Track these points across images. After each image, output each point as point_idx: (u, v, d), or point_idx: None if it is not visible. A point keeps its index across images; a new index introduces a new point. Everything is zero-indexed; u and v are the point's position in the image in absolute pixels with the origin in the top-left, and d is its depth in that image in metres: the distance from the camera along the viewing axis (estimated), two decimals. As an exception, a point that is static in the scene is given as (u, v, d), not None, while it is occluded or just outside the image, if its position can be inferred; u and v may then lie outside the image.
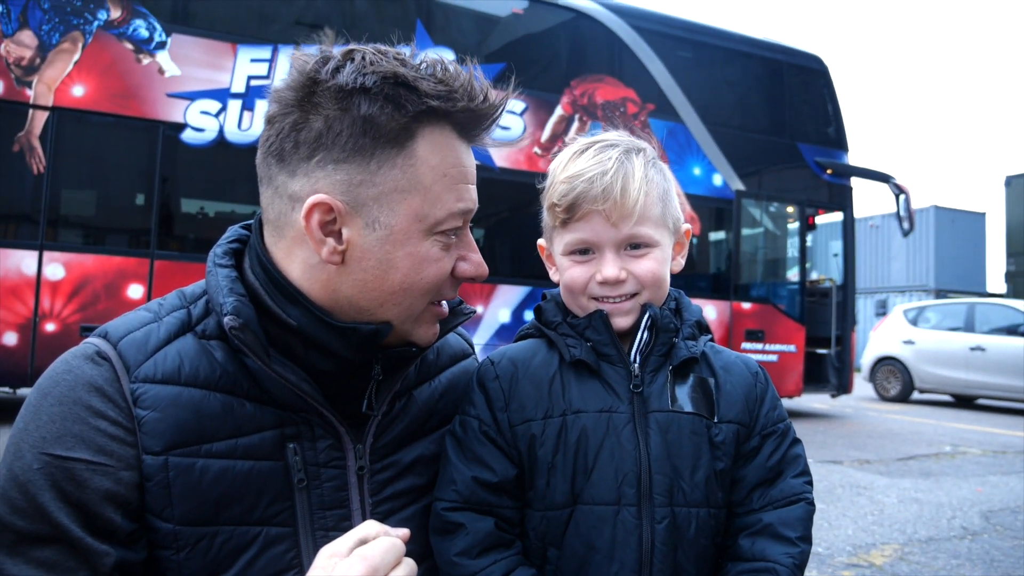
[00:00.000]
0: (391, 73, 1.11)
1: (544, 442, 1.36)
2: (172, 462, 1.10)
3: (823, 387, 13.71)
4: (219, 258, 1.25)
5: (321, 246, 1.16)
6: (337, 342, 1.19)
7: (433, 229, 1.19)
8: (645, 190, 1.39)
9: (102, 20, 8.82)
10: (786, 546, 1.34)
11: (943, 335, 16.50)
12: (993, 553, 5.32)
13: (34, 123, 8.49)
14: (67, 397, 1.10)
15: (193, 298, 1.25)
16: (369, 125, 1.12)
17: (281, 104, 1.16)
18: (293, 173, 1.16)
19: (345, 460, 1.23)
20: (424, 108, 1.13)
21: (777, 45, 13.74)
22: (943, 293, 29.51)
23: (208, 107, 9.24)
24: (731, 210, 12.70)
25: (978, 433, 12.02)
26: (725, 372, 1.46)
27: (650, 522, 1.31)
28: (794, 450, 1.45)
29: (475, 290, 10.52)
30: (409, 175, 1.15)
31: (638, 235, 1.40)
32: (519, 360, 1.44)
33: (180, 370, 1.15)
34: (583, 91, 11.58)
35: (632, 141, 1.48)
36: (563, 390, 1.39)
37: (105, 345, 1.15)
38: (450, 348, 1.53)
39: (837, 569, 4.88)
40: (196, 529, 1.10)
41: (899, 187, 13.55)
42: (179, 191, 9.85)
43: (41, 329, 8.30)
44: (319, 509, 1.19)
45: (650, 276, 1.41)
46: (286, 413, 1.19)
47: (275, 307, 1.18)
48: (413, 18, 10.48)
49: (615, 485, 1.32)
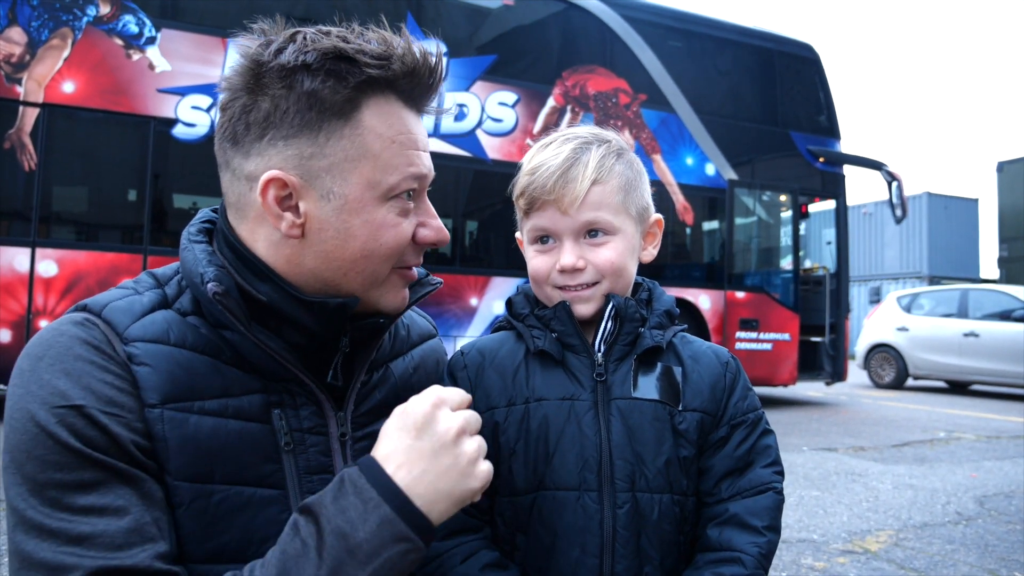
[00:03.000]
0: (331, 48, 1.14)
1: (506, 429, 1.40)
2: (167, 415, 1.10)
3: (817, 375, 13.74)
4: (193, 236, 1.28)
5: (280, 221, 1.19)
6: (306, 316, 1.22)
7: (387, 195, 1.21)
8: (595, 178, 1.42)
9: (91, 16, 8.77)
10: (752, 535, 1.36)
11: (937, 321, 16.56)
12: (988, 538, 5.35)
13: (24, 120, 8.45)
14: (65, 355, 1.09)
15: (165, 279, 1.27)
16: (314, 100, 1.15)
17: (231, 90, 1.19)
18: (247, 154, 1.19)
19: (327, 427, 1.26)
20: (364, 78, 1.16)
21: (768, 34, 13.73)
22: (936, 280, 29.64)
23: (199, 102, 9.20)
24: (724, 199, 12.71)
25: (972, 419, 12.07)
26: (693, 361, 1.48)
27: (612, 507, 1.33)
28: (764, 440, 1.46)
29: (469, 282, 10.52)
30: (357, 144, 1.18)
31: (595, 222, 1.42)
32: (487, 350, 1.50)
33: (168, 333, 1.16)
34: (575, 82, 11.56)
35: (597, 133, 1.51)
36: (527, 379, 1.43)
37: (88, 314, 1.16)
38: (418, 327, 1.58)
39: (832, 555, 4.90)
40: (192, 485, 1.11)
41: (892, 174, 13.57)
42: (171, 186, 9.83)
43: (35, 326, 8.27)
44: (306, 473, 1.21)
45: (608, 265, 1.43)
46: (268, 382, 1.21)
47: (244, 284, 1.21)
48: (404, 11, 10.44)
49: (576, 470, 1.35)
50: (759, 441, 1.45)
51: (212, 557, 1.12)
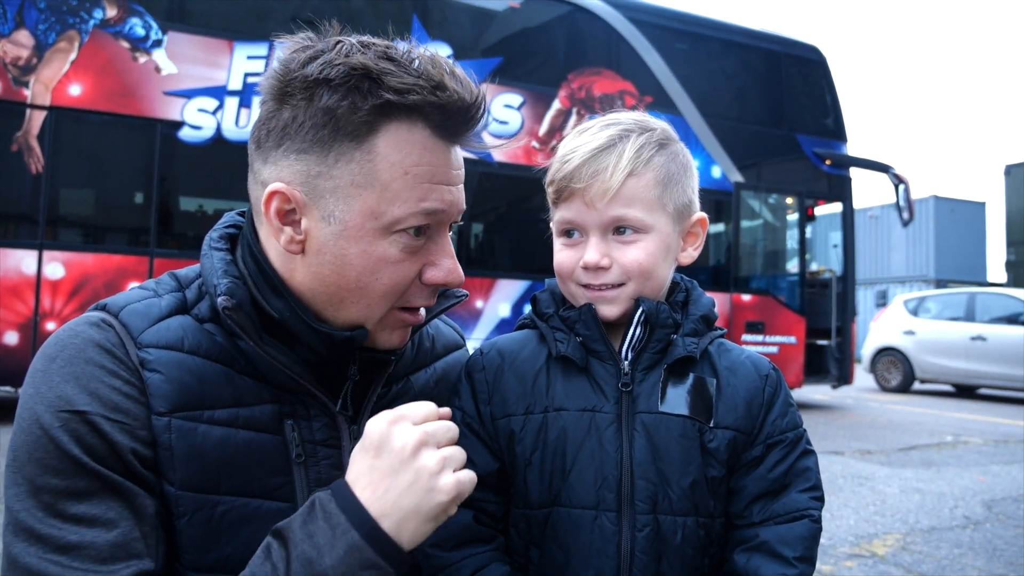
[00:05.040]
0: (360, 65, 1.09)
1: (523, 439, 1.31)
2: (175, 424, 1.10)
3: (824, 378, 13.71)
4: (215, 242, 1.26)
5: (280, 234, 1.17)
6: (315, 340, 1.20)
7: (391, 228, 1.15)
8: (630, 170, 1.31)
9: (98, 19, 8.81)
10: (782, 566, 1.25)
11: (944, 325, 16.50)
12: (995, 542, 5.33)
13: (32, 123, 8.48)
14: (77, 358, 1.09)
15: (187, 281, 1.26)
16: (329, 117, 1.11)
17: (263, 93, 1.18)
18: (265, 160, 1.18)
19: (340, 439, 1.24)
20: (382, 102, 1.10)
21: (775, 36, 13.72)
22: (943, 283, 29.52)
23: (205, 105, 9.23)
24: (730, 202, 12.68)
25: (979, 423, 12.02)
26: (729, 373, 1.37)
27: (631, 529, 1.25)
28: (803, 462, 1.34)
29: (475, 284, 10.52)
30: (366, 170, 1.13)
31: (624, 219, 1.32)
32: (507, 352, 1.40)
33: (183, 340, 1.15)
34: (580, 84, 11.55)
35: (640, 121, 1.40)
36: (547, 386, 1.34)
37: (106, 315, 1.16)
38: (444, 338, 1.54)
39: (839, 559, 4.88)
40: (196, 496, 1.10)
41: (898, 177, 13.53)
42: (177, 189, 9.84)
43: (42, 328, 8.30)
44: (317, 486, 1.19)
45: (636, 266, 1.32)
46: (281, 393, 1.20)
47: (260, 298, 1.19)
48: (410, 13, 10.45)
49: (594, 489, 1.26)
50: (797, 463, 1.33)
51: (214, 568, 1.11)
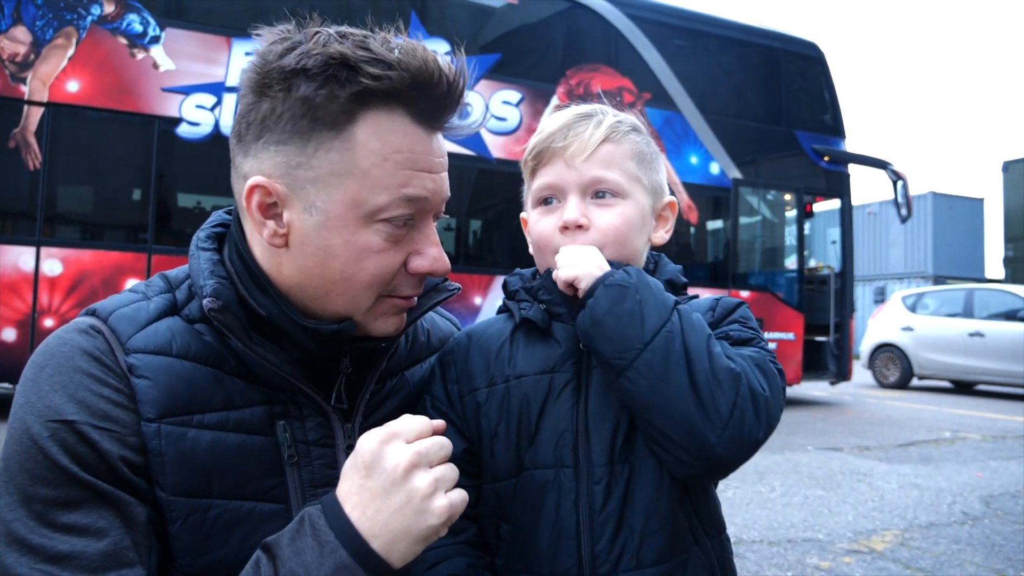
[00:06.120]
0: (337, 54, 1.07)
1: (487, 411, 1.32)
2: (164, 430, 1.09)
3: (822, 375, 13.73)
4: (202, 242, 1.25)
5: (262, 228, 1.16)
6: (303, 336, 1.19)
7: (373, 217, 1.14)
8: (608, 136, 1.35)
9: (96, 15, 8.79)
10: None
11: (942, 321, 16.51)
12: (994, 538, 5.34)
13: (29, 119, 8.47)
14: (65, 367, 1.09)
15: (177, 282, 1.25)
16: (307, 107, 1.09)
17: (242, 87, 1.16)
18: (246, 154, 1.16)
19: (334, 438, 1.23)
20: (360, 89, 1.09)
21: (773, 32, 13.70)
22: (941, 279, 29.56)
23: (203, 101, 9.22)
24: (728, 198, 12.69)
25: (977, 419, 12.04)
26: None
27: (588, 483, 1.24)
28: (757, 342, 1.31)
29: (473, 281, 10.52)
30: (346, 159, 1.11)
31: (603, 180, 1.34)
32: (475, 333, 1.42)
33: (171, 344, 1.14)
34: (579, 81, 11.54)
35: (619, 112, 1.44)
36: (510, 357, 1.35)
37: (96, 320, 1.15)
38: (440, 332, 1.53)
39: (838, 555, 4.89)
40: (188, 500, 1.09)
41: (897, 173, 13.54)
42: (175, 185, 9.83)
43: (40, 325, 8.30)
44: (310, 487, 1.19)
45: (612, 229, 1.34)
46: (273, 392, 1.19)
47: (247, 296, 1.18)
48: (408, 9, 10.44)
49: (553, 448, 1.27)
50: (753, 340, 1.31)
51: (208, 571, 1.11)
